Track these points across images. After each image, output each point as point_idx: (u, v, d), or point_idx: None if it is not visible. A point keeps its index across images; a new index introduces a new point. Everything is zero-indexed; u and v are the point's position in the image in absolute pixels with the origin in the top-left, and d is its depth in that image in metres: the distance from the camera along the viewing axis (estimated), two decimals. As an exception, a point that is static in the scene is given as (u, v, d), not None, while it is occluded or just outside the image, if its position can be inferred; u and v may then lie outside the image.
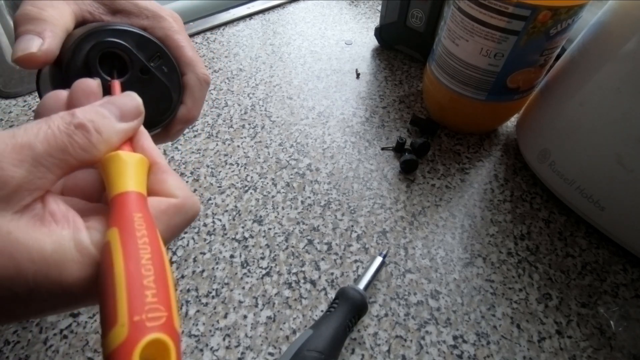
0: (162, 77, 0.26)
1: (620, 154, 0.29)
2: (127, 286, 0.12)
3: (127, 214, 0.14)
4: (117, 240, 0.13)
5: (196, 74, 0.27)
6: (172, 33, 0.27)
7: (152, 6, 0.27)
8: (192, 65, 0.27)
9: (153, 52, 0.25)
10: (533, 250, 0.33)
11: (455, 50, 0.36)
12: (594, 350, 0.28)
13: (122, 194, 0.15)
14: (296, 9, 0.61)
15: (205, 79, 0.28)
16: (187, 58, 0.27)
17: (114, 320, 0.12)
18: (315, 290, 0.30)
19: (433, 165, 0.40)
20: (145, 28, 0.27)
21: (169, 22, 0.27)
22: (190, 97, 0.27)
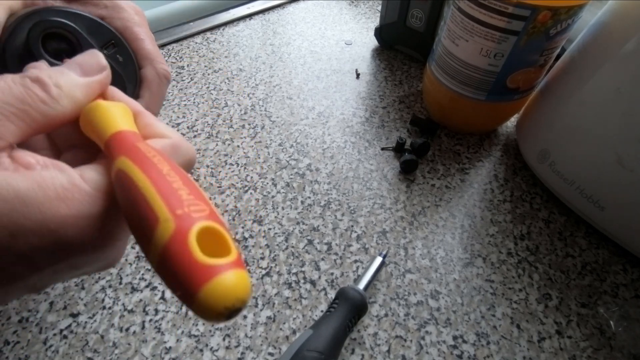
0: (115, 66, 0.24)
1: (620, 154, 0.29)
2: (160, 192, 0.12)
3: (129, 144, 0.14)
4: (129, 164, 0.13)
5: (155, 68, 0.26)
6: (132, 25, 0.25)
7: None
8: (150, 59, 0.25)
9: (107, 39, 0.23)
10: (533, 251, 0.33)
11: (455, 50, 0.36)
12: (594, 350, 0.28)
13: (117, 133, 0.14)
14: (296, 9, 0.61)
15: (165, 75, 0.26)
16: (145, 51, 0.25)
17: (155, 220, 0.11)
18: (315, 291, 0.30)
19: (433, 166, 0.40)
20: (102, 17, 0.24)
21: (128, 14, 0.25)
22: (147, 90, 0.25)
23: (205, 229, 0.11)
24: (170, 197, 0.12)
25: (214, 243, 0.12)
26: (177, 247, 0.11)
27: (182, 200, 0.12)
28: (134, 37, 0.25)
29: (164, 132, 0.17)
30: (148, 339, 0.27)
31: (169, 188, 0.12)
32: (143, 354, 0.27)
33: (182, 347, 0.27)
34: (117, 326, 0.28)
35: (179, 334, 0.28)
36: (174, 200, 0.12)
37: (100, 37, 0.23)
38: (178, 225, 0.11)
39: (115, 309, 0.29)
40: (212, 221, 0.12)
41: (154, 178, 0.12)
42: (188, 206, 0.12)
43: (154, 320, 0.28)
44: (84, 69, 0.17)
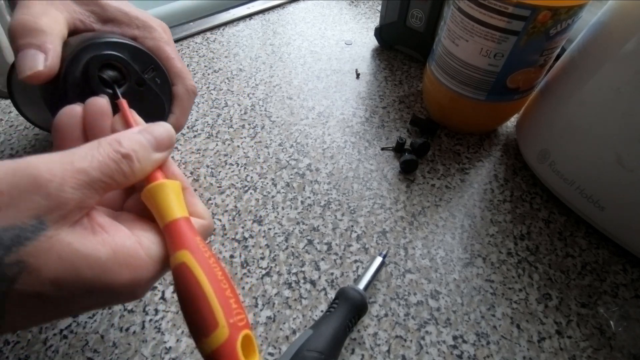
0: (156, 88, 0.26)
1: (620, 154, 0.29)
2: (218, 299, 0.16)
3: (190, 239, 0.17)
4: (193, 262, 0.16)
5: (185, 85, 0.28)
6: (163, 44, 0.27)
7: (142, 16, 0.27)
8: (181, 77, 0.28)
9: (147, 64, 0.26)
10: (533, 251, 0.33)
11: (455, 50, 0.36)
12: (594, 350, 0.28)
13: (177, 220, 0.18)
14: (296, 9, 0.61)
15: (193, 90, 0.29)
16: (176, 69, 0.28)
17: (215, 324, 0.15)
18: (315, 291, 0.30)
19: (433, 166, 0.40)
20: (135, 38, 0.27)
21: (159, 33, 0.28)
22: (179, 107, 0.28)
23: (244, 336, 0.15)
24: (225, 306, 0.16)
25: (247, 345, 0.16)
26: (228, 350, 0.15)
27: (232, 310, 0.16)
28: (165, 56, 0.27)
29: (202, 213, 0.21)
30: (148, 339, 0.27)
31: (224, 296, 0.16)
32: (143, 354, 0.27)
33: (182, 347, 0.27)
34: (117, 326, 0.28)
35: (179, 333, 0.28)
36: (228, 309, 0.16)
37: (142, 63, 0.25)
38: (231, 333, 0.15)
39: (115, 309, 0.29)
40: (248, 330, 0.16)
41: (213, 284, 0.16)
42: (236, 315, 0.16)
43: (154, 320, 0.28)
44: (159, 143, 0.19)
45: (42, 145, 0.39)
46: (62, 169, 0.15)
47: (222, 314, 0.15)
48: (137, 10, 0.27)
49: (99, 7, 0.25)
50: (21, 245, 0.14)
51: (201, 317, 0.16)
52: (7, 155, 0.38)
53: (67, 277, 0.15)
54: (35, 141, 0.39)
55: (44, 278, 0.14)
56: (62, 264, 0.15)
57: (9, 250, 0.14)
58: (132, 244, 0.17)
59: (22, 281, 0.14)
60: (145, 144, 0.18)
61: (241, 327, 0.16)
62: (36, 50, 0.20)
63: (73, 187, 0.15)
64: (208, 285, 0.16)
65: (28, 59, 0.20)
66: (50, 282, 0.15)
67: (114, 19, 0.26)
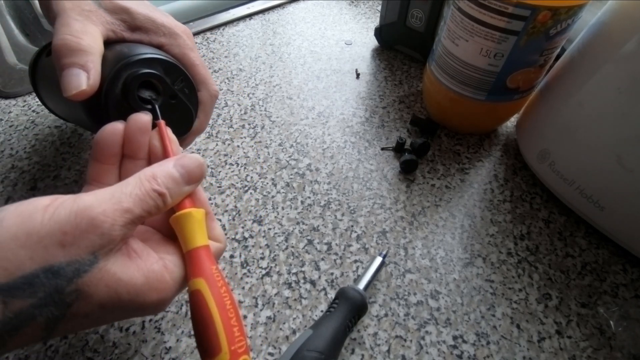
0: (185, 99, 0.28)
1: (620, 154, 0.29)
2: (224, 327, 0.18)
3: (207, 268, 0.20)
4: (207, 290, 0.19)
5: (209, 91, 0.30)
6: (188, 51, 0.29)
7: (168, 23, 0.29)
8: (205, 83, 0.30)
9: (177, 76, 0.27)
10: (533, 251, 0.33)
11: (455, 50, 0.36)
12: (594, 350, 0.28)
13: (198, 249, 0.20)
14: (296, 9, 0.61)
15: (216, 95, 0.31)
16: (201, 76, 0.29)
17: (219, 349, 0.18)
18: (315, 290, 0.30)
19: (433, 166, 0.40)
20: (162, 45, 0.29)
21: (183, 40, 0.29)
22: (202, 111, 0.30)
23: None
24: (229, 334, 0.18)
25: None
26: None
27: (234, 337, 0.18)
28: (190, 63, 0.29)
29: (218, 237, 0.23)
30: (148, 339, 0.27)
31: (229, 325, 0.18)
32: (143, 354, 0.27)
33: (182, 347, 0.27)
34: (117, 326, 0.28)
35: (178, 333, 0.28)
36: (231, 336, 0.18)
37: (173, 75, 0.27)
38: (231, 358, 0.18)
39: (115, 309, 0.29)
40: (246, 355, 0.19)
41: (222, 313, 0.19)
42: (237, 342, 0.18)
43: (153, 320, 0.28)
44: (190, 178, 0.21)
45: (42, 146, 0.39)
46: (113, 210, 0.18)
47: (226, 341, 0.18)
48: (162, 15, 0.29)
49: (128, 14, 0.27)
50: (79, 278, 0.16)
51: (208, 341, 0.18)
52: (7, 155, 0.38)
53: (110, 301, 0.18)
54: (36, 141, 0.39)
55: (94, 303, 0.17)
56: (108, 291, 0.17)
57: (70, 281, 0.16)
58: (160, 268, 0.20)
59: (76, 306, 0.17)
60: (178, 179, 0.21)
61: (240, 353, 0.18)
62: (80, 70, 0.22)
63: (122, 225, 0.18)
64: (217, 314, 0.18)
65: (73, 77, 0.22)
66: (98, 306, 0.17)
67: (142, 26, 0.27)
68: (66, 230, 0.16)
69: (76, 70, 0.22)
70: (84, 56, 0.23)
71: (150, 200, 0.19)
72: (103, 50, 0.25)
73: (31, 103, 0.43)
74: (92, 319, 0.18)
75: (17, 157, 0.38)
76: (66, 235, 0.16)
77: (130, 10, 0.27)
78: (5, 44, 0.50)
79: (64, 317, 0.16)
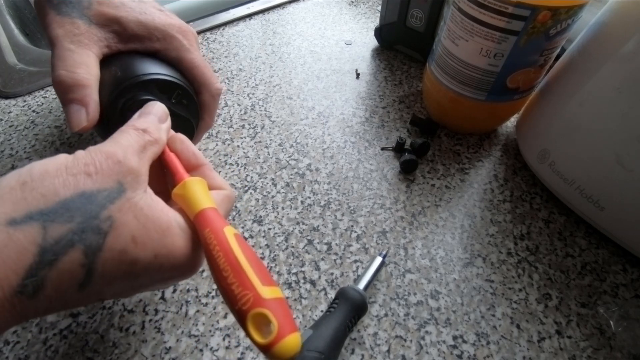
0: (183, 112, 0.28)
1: (620, 154, 0.29)
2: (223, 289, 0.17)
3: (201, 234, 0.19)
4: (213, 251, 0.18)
5: (210, 92, 0.30)
6: (184, 54, 0.29)
7: (162, 26, 0.28)
8: (205, 85, 0.29)
9: (173, 90, 0.27)
10: (533, 250, 0.33)
11: (455, 50, 0.36)
12: (594, 350, 0.28)
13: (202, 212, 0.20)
14: (296, 9, 0.61)
15: (218, 93, 0.30)
16: (200, 78, 0.29)
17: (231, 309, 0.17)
18: (315, 291, 0.30)
19: (433, 166, 0.40)
20: (157, 51, 0.28)
21: (179, 41, 0.29)
22: (206, 112, 0.30)
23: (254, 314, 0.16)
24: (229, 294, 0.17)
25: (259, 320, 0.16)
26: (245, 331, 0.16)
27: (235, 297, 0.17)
28: (189, 66, 0.29)
29: (221, 184, 0.23)
30: (148, 339, 0.27)
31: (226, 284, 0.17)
32: (143, 354, 0.27)
33: (182, 347, 0.27)
34: (117, 326, 0.28)
35: (178, 333, 0.28)
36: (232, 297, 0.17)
37: (169, 91, 0.27)
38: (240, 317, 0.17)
39: (115, 309, 0.29)
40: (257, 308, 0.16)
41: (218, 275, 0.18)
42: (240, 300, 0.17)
43: (153, 320, 0.28)
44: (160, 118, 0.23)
45: (42, 146, 0.39)
46: (118, 146, 0.19)
47: (229, 303, 0.17)
48: (157, 16, 0.28)
49: (120, 24, 0.27)
50: (111, 204, 0.17)
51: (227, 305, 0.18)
52: (7, 155, 0.38)
53: (142, 236, 0.18)
54: (35, 141, 0.39)
55: (127, 234, 0.17)
56: (137, 223, 0.18)
57: (103, 207, 0.17)
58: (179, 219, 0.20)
59: (112, 236, 0.17)
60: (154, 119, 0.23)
61: (246, 310, 0.16)
62: (79, 106, 0.24)
63: (132, 154, 0.19)
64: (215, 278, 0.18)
65: (74, 115, 0.24)
66: (131, 239, 0.17)
67: (135, 35, 0.27)
68: (88, 162, 0.18)
69: (76, 107, 0.24)
70: (81, 91, 0.24)
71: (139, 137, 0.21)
72: (99, 76, 0.26)
73: (31, 103, 0.43)
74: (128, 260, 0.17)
75: (17, 157, 0.38)
76: (89, 166, 0.17)
77: (121, 20, 0.27)
78: (5, 44, 0.50)
79: (101, 249, 0.16)
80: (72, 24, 0.25)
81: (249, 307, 0.16)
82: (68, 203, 0.16)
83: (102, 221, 0.17)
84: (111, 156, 0.18)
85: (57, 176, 0.17)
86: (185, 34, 0.29)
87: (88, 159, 0.18)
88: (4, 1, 0.56)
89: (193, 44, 0.30)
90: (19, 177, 0.16)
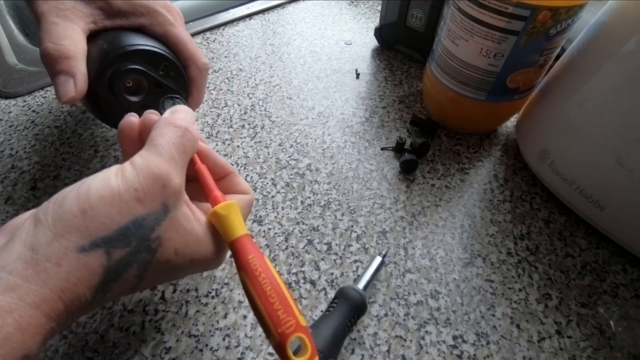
0: (171, 84, 0.28)
1: (620, 154, 0.29)
2: (267, 313, 0.19)
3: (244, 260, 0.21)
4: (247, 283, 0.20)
5: (198, 66, 0.30)
6: (170, 29, 0.29)
7: (145, 1, 0.29)
8: (192, 59, 0.29)
9: (160, 61, 0.27)
10: (533, 250, 0.33)
11: (455, 50, 0.36)
12: (594, 350, 0.28)
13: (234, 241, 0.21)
14: (296, 9, 0.61)
15: (206, 68, 0.31)
16: (187, 52, 0.29)
17: (269, 333, 0.20)
18: (315, 290, 0.30)
19: (433, 165, 0.40)
20: (142, 26, 0.28)
21: (164, 17, 0.29)
22: (194, 87, 0.30)
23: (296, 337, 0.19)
24: (274, 318, 0.19)
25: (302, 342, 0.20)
26: (281, 351, 0.19)
27: (280, 320, 0.19)
28: (175, 41, 0.29)
29: (245, 189, 0.25)
30: (148, 339, 0.27)
31: (272, 309, 0.19)
32: (143, 354, 0.27)
33: (182, 347, 0.27)
34: (117, 326, 0.28)
35: (178, 333, 0.28)
36: (276, 320, 0.19)
37: (156, 62, 0.27)
38: (280, 340, 0.19)
39: (115, 309, 0.29)
40: (298, 333, 0.19)
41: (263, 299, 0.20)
42: (284, 324, 0.19)
43: (153, 320, 0.28)
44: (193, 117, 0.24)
45: (42, 146, 0.39)
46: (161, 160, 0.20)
47: (272, 325, 0.19)
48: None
49: (105, 1, 0.27)
50: (159, 226, 0.19)
51: (262, 324, 0.20)
52: (7, 155, 0.38)
53: (182, 247, 0.20)
54: (35, 141, 0.39)
55: (171, 248, 0.20)
56: (179, 238, 0.20)
57: (152, 229, 0.19)
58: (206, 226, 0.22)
59: (159, 251, 0.19)
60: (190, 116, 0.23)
61: (289, 333, 0.19)
62: (66, 77, 0.24)
63: (176, 173, 0.20)
64: (259, 302, 0.20)
65: (62, 86, 0.24)
66: (174, 251, 0.20)
67: (120, 11, 0.28)
68: (137, 187, 0.19)
69: (63, 78, 0.24)
70: (67, 62, 0.24)
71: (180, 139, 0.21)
72: (86, 50, 0.25)
73: (31, 103, 0.43)
74: (169, 267, 0.20)
75: (17, 157, 0.38)
76: (138, 191, 0.19)
77: None
78: (5, 44, 0.50)
79: (151, 263, 0.19)
80: (57, 0, 0.25)
81: (291, 331, 0.19)
82: (124, 230, 0.18)
83: (152, 241, 0.19)
84: (157, 180, 0.19)
85: (112, 204, 0.18)
86: (169, 9, 0.30)
87: (137, 183, 0.19)
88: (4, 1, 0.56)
89: (177, 19, 0.30)
90: (78, 203, 0.18)
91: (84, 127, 0.41)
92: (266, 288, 0.20)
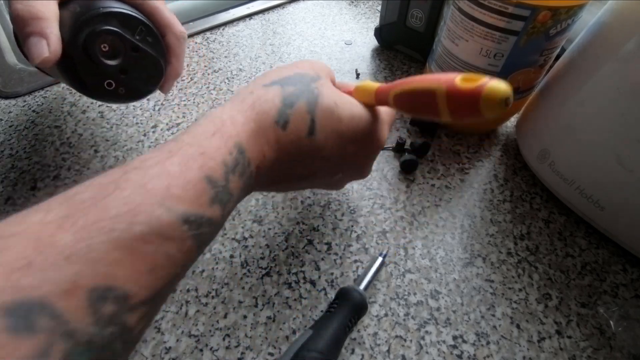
0: (149, 49, 0.28)
1: (620, 154, 0.29)
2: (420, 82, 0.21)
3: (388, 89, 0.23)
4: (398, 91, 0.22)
5: (174, 34, 0.30)
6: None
7: None
8: (169, 26, 0.29)
9: (137, 26, 0.27)
10: (533, 250, 0.33)
11: (455, 50, 0.36)
12: (594, 350, 0.28)
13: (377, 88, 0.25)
14: (296, 9, 0.61)
15: (183, 36, 0.31)
16: (164, 20, 0.29)
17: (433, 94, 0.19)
18: (315, 290, 0.30)
19: (433, 165, 0.40)
20: None
21: None
22: (173, 56, 0.30)
23: (462, 78, 0.18)
24: (431, 80, 0.20)
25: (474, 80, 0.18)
26: (451, 92, 0.18)
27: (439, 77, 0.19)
28: (150, 10, 0.29)
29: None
30: (148, 339, 0.27)
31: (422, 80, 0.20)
32: (143, 354, 0.27)
33: (182, 347, 0.27)
34: (117, 326, 0.28)
35: (178, 333, 0.28)
36: (434, 80, 0.19)
37: (131, 27, 0.27)
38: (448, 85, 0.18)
39: (115, 309, 0.29)
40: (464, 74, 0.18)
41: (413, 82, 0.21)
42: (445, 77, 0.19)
43: (153, 320, 0.28)
44: None
45: (42, 146, 0.39)
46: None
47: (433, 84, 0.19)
48: None
49: None
50: (314, 82, 0.24)
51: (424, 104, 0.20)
52: (7, 155, 0.38)
53: (340, 100, 0.24)
54: (35, 141, 0.39)
55: (330, 98, 0.23)
56: (334, 93, 0.24)
57: (312, 80, 0.24)
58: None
59: (321, 97, 0.23)
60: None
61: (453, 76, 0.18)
62: (38, 37, 0.23)
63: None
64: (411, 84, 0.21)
65: (34, 47, 0.23)
66: (333, 102, 0.23)
67: None
68: (296, 63, 0.26)
69: (36, 39, 0.23)
70: (39, 23, 0.23)
71: None
72: (58, 14, 0.25)
73: (31, 103, 0.43)
74: (334, 118, 0.23)
75: (17, 157, 0.38)
76: (297, 64, 0.25)
77: None
78: (5, 44, 0.50)
79: (316, 104, 0.23)
80: None
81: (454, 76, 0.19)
82: (291, 78, 0.24)
83: (313, 88, 0.23)
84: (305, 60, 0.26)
85: (281, 68, 0.25)
86: None
87: (296, 61, 0.26)
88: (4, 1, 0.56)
89: None
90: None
91: (84, 127, 0.41)
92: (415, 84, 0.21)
